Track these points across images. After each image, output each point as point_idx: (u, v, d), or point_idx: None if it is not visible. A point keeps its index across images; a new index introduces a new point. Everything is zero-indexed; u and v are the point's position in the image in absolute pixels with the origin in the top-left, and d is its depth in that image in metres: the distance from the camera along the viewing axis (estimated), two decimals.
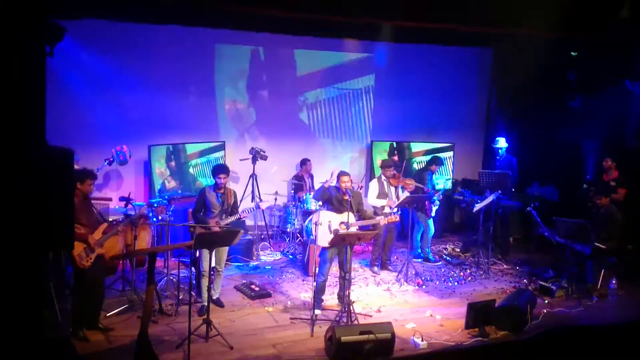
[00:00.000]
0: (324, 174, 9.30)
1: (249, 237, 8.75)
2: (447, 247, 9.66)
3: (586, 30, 8.14)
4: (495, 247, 8.91)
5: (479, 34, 8.64)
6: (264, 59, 9.84)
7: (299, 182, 9.43)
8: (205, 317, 5.81)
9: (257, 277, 7.81)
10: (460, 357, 5.88)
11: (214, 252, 6.19)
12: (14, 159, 3.87)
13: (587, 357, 6.05)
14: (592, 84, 9.56)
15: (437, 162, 8.86)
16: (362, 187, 8.13)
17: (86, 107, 8.39)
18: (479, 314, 6.17)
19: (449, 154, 10.38)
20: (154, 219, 7.35)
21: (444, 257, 9.01)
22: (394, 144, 10.28)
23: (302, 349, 5.73)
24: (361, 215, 7.02)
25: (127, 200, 6.64)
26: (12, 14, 4.21)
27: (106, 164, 7.74)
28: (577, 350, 6.04)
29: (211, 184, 6.85)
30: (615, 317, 6.90)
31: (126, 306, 6.41)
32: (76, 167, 6.01)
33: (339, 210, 6.83)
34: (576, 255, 7.51)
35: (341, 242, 6.24)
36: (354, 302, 6.44)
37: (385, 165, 8.25)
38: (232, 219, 6.68)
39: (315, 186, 9.55)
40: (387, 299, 7.22)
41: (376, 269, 8.24)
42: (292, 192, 9.38)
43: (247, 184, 9.17)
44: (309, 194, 9.01)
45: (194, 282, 6.73)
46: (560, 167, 9.89)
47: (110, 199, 7.61)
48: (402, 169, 8.50)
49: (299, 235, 9.12)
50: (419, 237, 8.78)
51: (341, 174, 6.87)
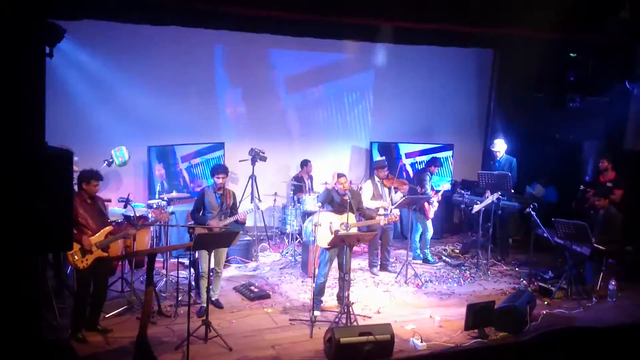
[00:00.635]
0: (323, 176, 9.33)
1: (248, 238, 8.75)
2: (446, 248, 9.65)
3: (586, 31, 8.15)
4: (494, 248, 8.90)
5: (479, 35, 8.62)
6: (264, 59, 9.84)
7: (299, 183, 9.42)
8: (204, 318, 5.80)
9: (256, 279, 7.80)
10: (459, 359, 5.87)
11: (213, 253, 6.18)
12: (13, 158, 3.86)
13: (586, 359, 6.05)
14: (592, 85, 9.56)
15: (436, 163, 8.85)
16: (361, 188, 8.15)
17: (85, 107, 8.39)
18: (478, 315, 6.16)
19: (443, 154, 10.37)
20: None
21: (443, 258, 9.00)
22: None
23: (301, 350, 5.72)
24: (361, 214, 7.02)
25: (126, 201, 6.62)
26: (12, 14, 4.21)
27: (105, 164, 7.72)
28: (577, 351, 6.03)
29: (211, 184, 6.85)
30: (614, 318, 6.88)
31: (125, 307, 6.39)
32: (75, 168, 6.01)
33: (339, 211, 6.83)
34: (575, 256, 7.49)
35: (341, 243, 6.24)
36: (353, 303, 6.43)
37: (378, 166, 8.23)
38: (230, 219, 6.67)
39: (314, 187, 9.57)
40: (387, 300, 7.22)
41: (375, 270, 8.24)
42: (292, 193, 9.37)
43: (247, 184, 9.16)
44: (308, 195, 9.02)
45: (193, 283, 6.72)
46: (559, 168, 9.89)
47: (109, 200, 7.60)
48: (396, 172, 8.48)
49: (298, 236, 9.12)
50: (417, 238, 8.77)
51: (338, 176, 6.90)
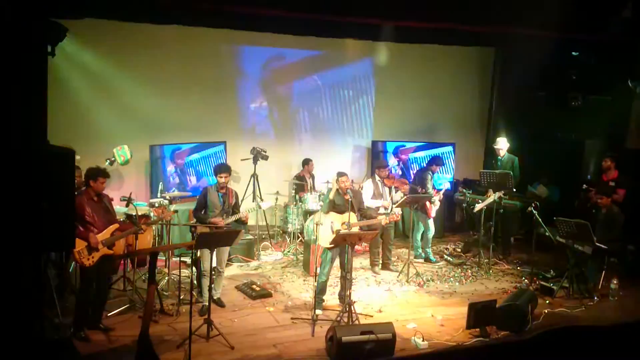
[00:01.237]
0: (324, 174, 9.34)
1: (250, 237, 8.76)
2: (448, 247, 9.65)
3: (588, 29, 8.14)
4: (496, 247, 8.89)
5: (481, 34, 8.63)
6: (264, 59, 9.84)
7: (301, 182, 9.43)
8: (206, 317, 5.81)
9: (258, 277, 7.81)
10: (461, 357, 5.87)
11: (214, 252, 6.19)
12: (15, 157, 3.87)
13: (588, 357, 6.04)
14: (594, 83, 9.55)
15: (437, 162, 8.85)
16: (362, 187, 8.16)
17: (87, 106, 8.41)
18: (480, 314, 6.16)
19: (442, 149, 10.39)
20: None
21: (445, 257, 8.99)
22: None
23: (303, 349, 5.72)
24: (362, 215, 7.02)
25: (128, 200, 6.63)
26: (12, 13, 4.21)
27: (107, 163, 7.72)
28: (578, 350, 6.03)
29: (213, 183, 6.85)
30: (616, 317, 6.88)
31: (127, 306, 6.40)
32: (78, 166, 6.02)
33: (341, 210, 6.83)
34: (577, 255, 7.49)
35: (342, 242, 6.24)
36: (354, 302, 6.43)
37: (379, 165, 8.26)
38: (232, 218, 6.68)
39: (316, 186, 9.59)
40: (388, 299, 7.22)
41: (377, 268, 8.24)
42: (294, 192, 9.38)
43: (248, 183, 9.17)
44: (310, 194, 9.01)
45: (195, 282, 6.74)
46: (561, 167, 9.88)
47: (111, 199, 7.60)
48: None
49: (300, 235, 9.12)
50: (419, 237, 8.77)
51: (339, 175, 6.89)
